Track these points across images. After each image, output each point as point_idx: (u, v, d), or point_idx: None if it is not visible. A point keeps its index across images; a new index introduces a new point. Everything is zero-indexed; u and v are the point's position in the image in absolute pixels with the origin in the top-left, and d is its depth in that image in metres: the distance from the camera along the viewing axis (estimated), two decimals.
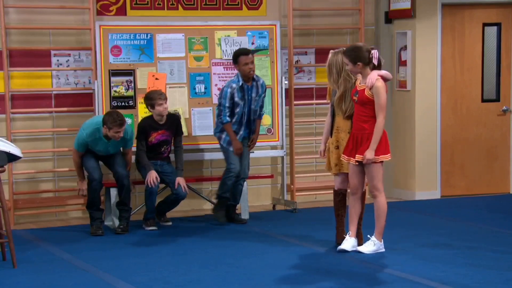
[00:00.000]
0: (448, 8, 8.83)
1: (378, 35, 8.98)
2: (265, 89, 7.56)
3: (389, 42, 8.93)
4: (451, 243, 6.58)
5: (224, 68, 7.93)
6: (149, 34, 7.76)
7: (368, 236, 6.26)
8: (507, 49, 9.08)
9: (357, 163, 6.13)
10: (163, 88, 7.69)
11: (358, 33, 8.73)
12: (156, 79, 7.77)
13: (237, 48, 7.71)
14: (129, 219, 7.23)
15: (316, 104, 8.65)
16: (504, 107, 9.12)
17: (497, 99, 9.14)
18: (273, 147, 8.33)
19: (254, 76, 7.38)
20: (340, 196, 6.41)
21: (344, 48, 6.23)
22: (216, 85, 7.92)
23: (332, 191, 6.53)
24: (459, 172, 9.05)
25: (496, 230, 7.19)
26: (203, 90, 7.92)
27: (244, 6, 8.36)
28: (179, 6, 8.16)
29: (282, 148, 8.29)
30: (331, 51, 6.37)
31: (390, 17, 8.90)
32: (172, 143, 7.47)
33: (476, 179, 9.08)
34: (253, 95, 7.41)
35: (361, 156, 6.06)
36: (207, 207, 8.21)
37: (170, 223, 7.55)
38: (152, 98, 7.24)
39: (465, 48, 8.96)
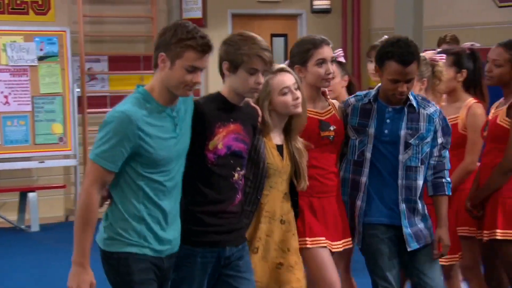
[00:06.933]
0: (238, 18, 9.08)
1: None
2: None
3: None
4: None
5: (10, 75, 7.59)
6: None
7: None
8: None
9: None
10: None
11: (152, 41, 8.74)
12: None
13: (24, 53, 7.44)
14: None
15: None
16: None
17: None
18: (66, 156, 8.09)
19: None
20: None
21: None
22: (2, 92, 7.54)
23: None
24: None
25: None
26: None
27: (31, 10, 8.05)
28: None
29: (75, 157, 8.07)
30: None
31: None
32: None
33: None
34: None
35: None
36: None
37: None
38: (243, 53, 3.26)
39: None
